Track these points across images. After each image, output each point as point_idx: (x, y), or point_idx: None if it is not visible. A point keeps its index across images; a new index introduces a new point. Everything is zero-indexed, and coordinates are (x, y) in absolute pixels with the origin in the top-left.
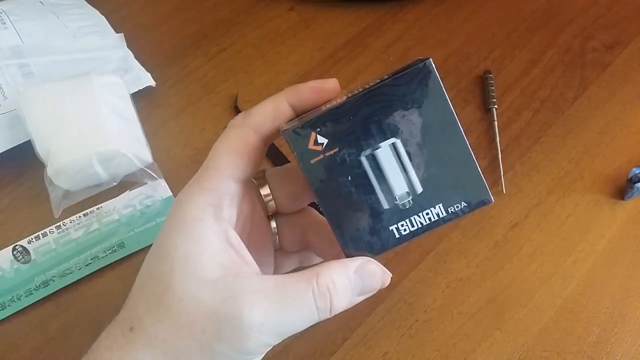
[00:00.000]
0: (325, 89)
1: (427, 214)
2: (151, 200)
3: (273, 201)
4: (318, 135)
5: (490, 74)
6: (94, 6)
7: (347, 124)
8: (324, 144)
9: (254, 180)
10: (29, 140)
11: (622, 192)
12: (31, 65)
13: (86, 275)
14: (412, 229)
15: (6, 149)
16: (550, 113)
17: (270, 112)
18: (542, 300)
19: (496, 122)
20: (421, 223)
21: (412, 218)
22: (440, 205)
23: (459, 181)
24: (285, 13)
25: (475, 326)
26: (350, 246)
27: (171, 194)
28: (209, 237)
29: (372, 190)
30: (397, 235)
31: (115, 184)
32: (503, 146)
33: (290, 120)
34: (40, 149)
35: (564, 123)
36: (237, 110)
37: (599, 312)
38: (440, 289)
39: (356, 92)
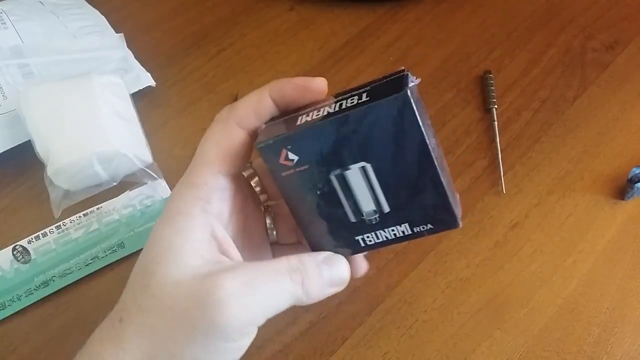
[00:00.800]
0: (310, 89)
1: (393, 230)
2: (151, 200)
3: (265, 193)
4: (289, 152)
5: (490, 74)
6: (94, 6)
7: (318, 144)
8: (295, 160)
9: (243, 174)
10: (29, 140)
11: (622, 192)
12: (31, 65)
13: (86, 275)
14: (377, 241)
15: (6, 149)
16: (551, 113)
17: (254, 106)
18: (542, 300)
19: (496, 122)
20: (387, 237)
21: (378, 232)
22: (407, 224)
23: (427, 206)
24: (285, 13)
25: (475, 326)
26: (318, 250)
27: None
28: (194, 229)
29: (340, 205)
30: (363, 245)
31: (115, 184)
32: (503, 146)
33: (274, 117)
34: (40, 149)
35: (564, 123)
36: None
37: (599, 312)
38: (440, 289)
39: (334, 104)
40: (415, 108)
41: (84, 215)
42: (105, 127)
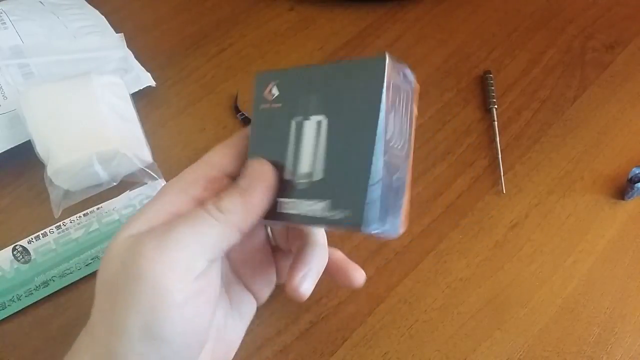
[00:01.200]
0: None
1: (311, 204)
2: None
3: None
4: (274, 87)
5: (490, 74)
6: (94, 6)
7: (298, 87)
8: (274, 96)
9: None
10: (29, 140)
11: (622, 192)
12: (31, 65)
13: (86, 275)
14: (292, 212)
15: (6, 149)
16: (551, 113)
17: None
18: (542, 300)
19: (496, 122)
20: (304, 213)
21: (299, 200)
22: (326, 202)
23: (348, 192)
24: (285, 13)
25: (475, 326)
26: None
27: None
28: (157, 205)
29: (284, 156)
30: (278, 209)
31: (115, 184)
32: (503, 146)
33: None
34: (40, 149)
35: (564, 123)
36: (237, 110)
37: (599, 312)
38: (440, 289)
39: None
40: (385, 82)
41: (84, 215)
42: (106, 127)
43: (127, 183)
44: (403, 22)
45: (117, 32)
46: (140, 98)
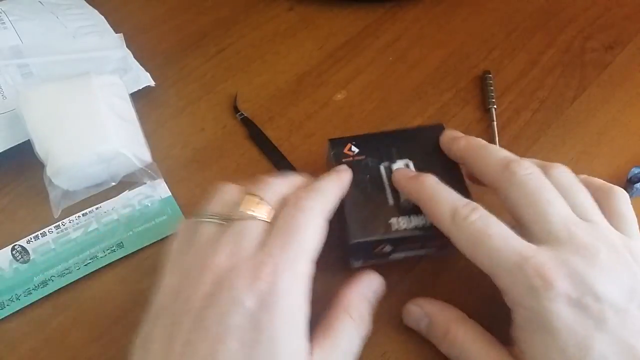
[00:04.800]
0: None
1: (423, 218)
2: (150, 200)
3: None
4: (353, 146)
5: (490, 74)
6: (93, 6)
7: (375, 144)
8: (355, 152)
9: None
10: (29, 140)
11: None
12: (30, 65)
13: (85, 275)
14: (408, 226)
15: (6, 149)
16: (550, 113)
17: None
18: None
19: (495, 123)
20: (416, 225)
21: (410, 216)
22: None
23: None
24: (285, 13)
25: None
26: (354, 229)
27: (170, 193)
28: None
29: (383, 188)
30: (395, 227)
31: (114, 183)
32: (502, 146)
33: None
34: (39, 149)
35: (563, 123)
36: (236, 110)
37: None
38: (440, 288)
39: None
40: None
41: (82, 215)
42: (105, 127)
43: (126, 183)
44: (402, 22)
45: (116, 32)
46: (139, 98)
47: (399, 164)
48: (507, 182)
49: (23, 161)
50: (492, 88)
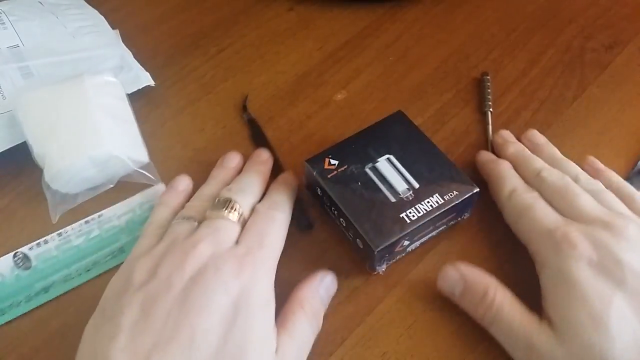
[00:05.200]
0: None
1: (428, 201)
2: (150, 205)
3: None
4: (330, 159)
5: (488, 75)
6: (93, 6)
7: (350, 151)
8: (336, 164)
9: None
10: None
11: None
12: (30, 66)
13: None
14: (419, 214)
15: (5, 149)
16: (550, 113)
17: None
18: None
19: (490, 126)
20: (425, 209)
21: (416, 206)
22: (437, 194)
23: (447, 177)
24: (285, 13)
25: (474, 326)
26: (373, 236)
27: None
28: None
29: (379, 190)
30: (408, 220)
31: (112, 185)
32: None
33: None
34: (37, 153)
35: (563, 123)
36: (245, 109)
37: None
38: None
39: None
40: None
41: (85, 222)
42: (98, 130)
43: (125, 184)
44: (402, 22)
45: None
46: (139, 98)
47: (381, 162)
48: (539, 188)
49: (22, 161)
50: (489, 90)
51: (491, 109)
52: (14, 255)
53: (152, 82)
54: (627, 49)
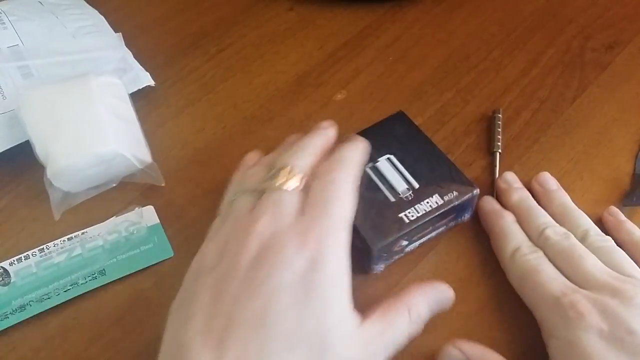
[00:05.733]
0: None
1: (428, 202)
2: (137, 227)
3: None
4: None
5: (499, 113)
6: (93, 6)
7: None
8: None
9: None
10: (29, 140)
11: (624, 193)
12: (30, 66)
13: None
14: (418, 214)
15: (5, 149)
16: (550, 113)
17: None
18: None
19: (497, 168)
20: (425, 210)
21: (415, 206)
22: (437, 194)
23: (447, 178)
24: (285, 13)
25: (474, 326)
26: (371, 235)
27: (158, 221)
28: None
29: (379, 189)
30: (407, 220)
31: (114, 185)
32: (502, 146)
33: None
34: (39, 151)
35: (563, 123)
36: None
37: None
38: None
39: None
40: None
41: (68, 239)
42: (104, 128)
43: (126, 184)
44: (402, 22)
45: (116, 32)
46: (139, 98)
47: (382, 161)
48: (543, 247)
49: (23, 162)
50: (499, 130)
51: (500, 150)
52: None
53: (152, 82)
54: (627, 49)
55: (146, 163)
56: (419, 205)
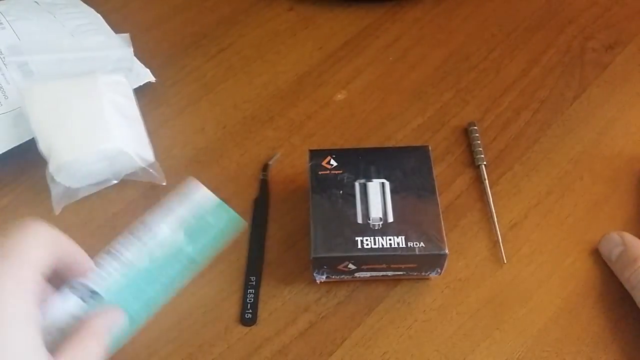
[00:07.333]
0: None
1: (390, 240)
2: (204, 210)
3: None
4: (332, 159)
5: (475, 126)
6: (94, 6)
7: (354, 160)
8: (334, 166)
9: None
10: (31, 140)
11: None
12: (30, 63)
13: None
14: (373, 246)
15: (8, 149)
16: (550, 113)
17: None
18: (541, 300)
19: (487, 181)
20: (382, 244)
21: (377, 237)
22: (403, 237)
23: (424, 228)
24: (285, 13)
25: (474, 326)
26: (318, 244)
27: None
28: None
29: (354, 206)
30: (359, 246)
31: (116, 181)
32: (502, 146)
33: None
34: (42, 145)
35: (563, 123)
36: (265, 169)
37: (598, 312)
38: (440, 289)
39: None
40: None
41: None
42: (109, 125)
43: (128, 181)
44: (402, 22)
45: (116, 32)
46: (140, 97)
47: (374, 183)
48: None
49: (25, 161)
50: (478, 142)
51: (485, 162)
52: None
53: (152, 78)
54: (627, 49)
55: (148, 162)
56: (380, 238)
